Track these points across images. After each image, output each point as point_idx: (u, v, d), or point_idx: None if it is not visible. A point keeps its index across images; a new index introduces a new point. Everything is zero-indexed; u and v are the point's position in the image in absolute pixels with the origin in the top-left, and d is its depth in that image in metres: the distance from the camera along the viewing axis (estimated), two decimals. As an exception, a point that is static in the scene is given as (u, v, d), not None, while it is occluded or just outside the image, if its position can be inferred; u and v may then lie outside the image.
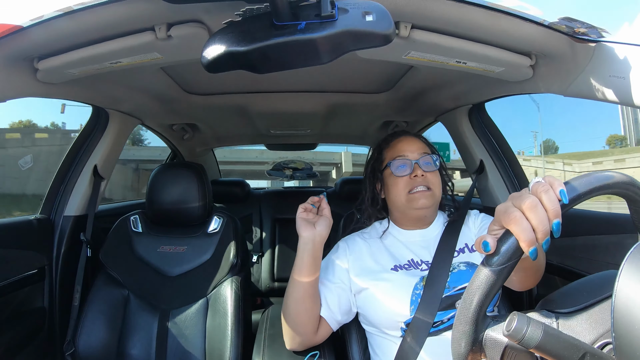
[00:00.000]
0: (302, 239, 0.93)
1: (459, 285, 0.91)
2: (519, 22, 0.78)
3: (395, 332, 0.92)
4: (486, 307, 0.48)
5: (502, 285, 0.50)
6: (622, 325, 0.40)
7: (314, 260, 0.92)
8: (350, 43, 0.59)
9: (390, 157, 1.05)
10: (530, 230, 0.46)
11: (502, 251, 0.47)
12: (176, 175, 1.39)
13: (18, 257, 1.22)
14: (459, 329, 0.49)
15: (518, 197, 0.48)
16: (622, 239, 1.02)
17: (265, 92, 1.55)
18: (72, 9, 0.72)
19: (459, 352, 0.49)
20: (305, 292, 0.93)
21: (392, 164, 1.03)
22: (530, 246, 0.45)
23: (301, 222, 0.94)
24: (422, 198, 0.98)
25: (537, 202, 0.46)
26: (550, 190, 0.47)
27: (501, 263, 0.47)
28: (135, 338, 1.22)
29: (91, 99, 1.28)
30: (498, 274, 0.47)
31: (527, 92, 1.08)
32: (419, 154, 1.02)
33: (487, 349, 0.49)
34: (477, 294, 0.48)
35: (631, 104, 0.74)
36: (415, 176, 0.99)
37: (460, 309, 0.50)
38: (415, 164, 1.00)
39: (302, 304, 0.93)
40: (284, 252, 2.36)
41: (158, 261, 1.34)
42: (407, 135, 1.09)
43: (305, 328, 0.95)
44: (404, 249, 1.02)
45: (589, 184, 0.47)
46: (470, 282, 0.49)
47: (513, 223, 0.46)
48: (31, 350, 1.22)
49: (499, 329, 0.48)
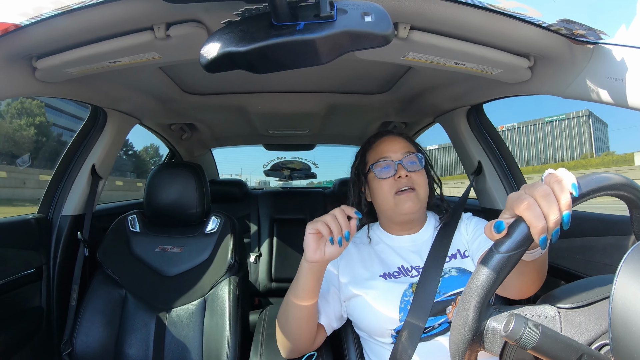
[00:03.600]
0: (308, 264, 0.81)
1: (450, 291, 0.90)
2: (518, 24, 0.78)
3: (385, 339, 0.91)
4: (491, 296, 0.47)
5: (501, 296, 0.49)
6: (619, 326, 0.40)
7: (318, 282, 0.85)
8: (349, 44, 0.59)
9: (373, 160, 1.03)
10: (542, 217, 0.46)
11: (512, 237, 0.47)
12: (174, 175, 1.39)
13: (15, 256, 1.21)
14: (461, 316, 0.48)
15: (531, 186, 0.49)
16: (620, 240, 1.02)
17: (264, 93, 1.55)
18: (71, 8, 0.72)
19: (458, 341, 0.48)
20: (309, 312, 0.88)
21: (375, 167, 1.00)
22: (540, 233, 0.46)
23: (311, 242, 0.79)
24: (407, 201, 0.95)
25: (550, 191, 0.47)
26: (563, 181, 0.48)
27: (510, 249, 0.47)
28: (132, 338, 1.21)
29: (89, 98, 1.28)
30: (506, 260, 0.47)
31: (525, 94, 1.09)
32: (403, 153, 1.00)
33: (487, 340, 0.48)
34: (483, 280, 0.47)
35: (628, 106, 0.75)
36: (399, 177, 0.97)
37: (463, 296, 0.49)
38: (398, 165, 0.98)
39: (305, 324, 0.90)
40: (282, 252, 2.36)
41: (156, 261, 1.34)
42: (389, 135, 1.07)
43: (305, 343, 0.94)
44: (394, 255, 1.00)
45: (600, 181, 0.48)
46: (476, 268, 0.49)
47: (525, 209, 0.47)
48: (28, 350, 1.22)
49: (501, 319, 0.47)
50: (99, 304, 1.23)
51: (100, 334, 1.19)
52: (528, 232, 0.47)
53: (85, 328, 1.19)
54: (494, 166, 1.45)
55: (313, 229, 0.77)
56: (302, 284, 0.84)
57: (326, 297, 0.97)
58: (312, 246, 0.79)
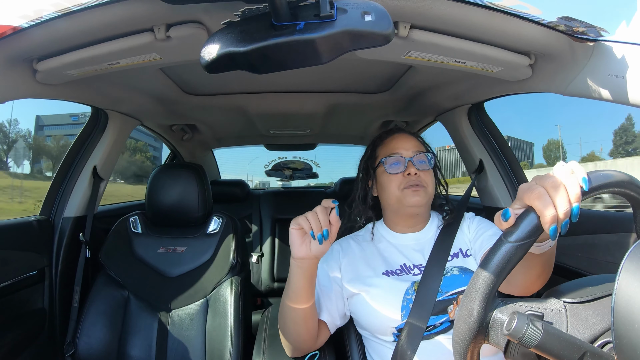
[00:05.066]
0: (295, 261, 0.81)
1: (452, 290, 0.90)
2: (518, 22, 0.78)
3: (387, 337, 0.91)
4: (498, 286, 0.47)
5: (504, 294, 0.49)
6: (622, 324, 0.40)
7: (310, 282, 0.84)
8: (349, 43, 0.59)
9: (383, 155, 1.03)
10: (552, 207, 0.46)
11: (521, 226, 0.47)
12: (176, 176, 1.39)
13: (18, 258, 1.22)
14: (467, 306, 0.47)
15: (542, 177, 0.49)
16: (622, 238, 1.02)
17: (265, 93, 1.55)
18: (71, 10, 0.72)
19: (463, 332, 0.47)
20: (306, 314, 0.87)
21: (386, 161, 1.01)
22: (550, 223, 0.46)
23: (295, 237, 0.80)
24: (415, 196, 0.96)
25: (561, 182, 0.48)
26: (574, 174, 0.48)
27: (519, 239, 0.47)
28: (135, 339, 1.21)
29: (90, 100, 1.28)
30: (515, 250, 0.46)
31: (526, 92, 1.09)
32: (414, 151, 1.01)
33: (493, 332, 0.47)
34: (491, 269, 0.47)
35: (629, 103, 0.74)
36: (408, 174, 0.98)
37: (469, 286, 0.48)
38: (409, 162, 0.99)
39: (303, 325, 0.90)
40: (284, 253, 2.36)
41: (158, 262, 1.34)
42: (401, 132, 1.08)
43: (306, 343, 0.94)
44: (396, 253, 1.00)
45: (609, 177, 0.48)
46: (484, 257, 0.48)
47: (536, 198, 0.47)
48: (31, 352, 1.22)
49: (507, 310, 0.47)
50: (101, 305, 1.23)
51: (103, 335, 1.20)
52: (538, 222, 0.47)
53: (87, 329, 1.19)
54: (495, 165, 1.44)
55: (296, 224, 0.78)
56: (294, 284, 0.84)
57: (329, 294, 0.97)
58: (297, 242, 0.79)
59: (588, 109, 59.71)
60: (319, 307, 0.96)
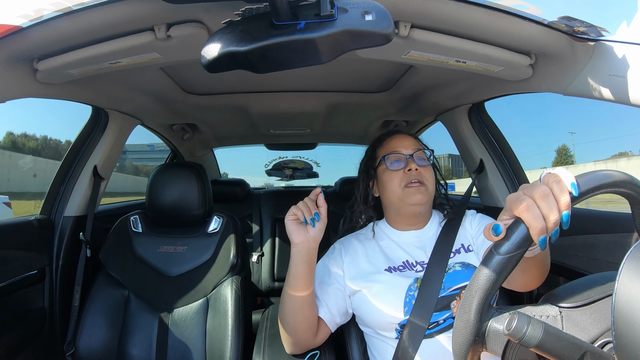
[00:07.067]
0: (295, 247, 0.89)
1: (455, 286, 0.91)
2: (519, 22, 0.78)
3: (390, 333, 0.92)
4: (492, 297, 0.47)
5: (504, 288, 0.49)
6: (622, 324, 0.40)
7: (310, 268, 0.90)
8: (349, 42, 0.59)
9: (384, 154, 1.06)
10: (541, 217, 0.46)
11: (511, 238, 0.47)
12: (176, 175, 1.39)
13: (18, 257, 1.22)
14: (463, 318, 0.48)
15: (530, 187, 0.49)
16: (623, 238, 1.02)
17: (265, 92, 1.55)
18: (71, 9, 0.72)
19: (460, 343, 0.48)
20: (304, 302, 0.91)
21: (386, 159, 1.03)
22: (540, 234, 0.46)
23: (292, 226, 0.89)
24: (417, 193, 0.98)
25: (549, 191, 0.47)
26: (562, 181, 0.47)
27: (510, 251, 0.46)
28: (135, 338, 1.21)
29: (91, 99, 1.28)
30: (506, 262, 0.46)
31: (527, 91, 1.08)
32: (413, 149, 1.03)
33: (490, 340, 0.48)
34: (483, 281, 0.47)
35: (630, 103, 0.74)
36: (409, 170, 1.00)
37: (464, 298, 0.49)
38: (409, 159, 1.01)
39: (300, 313, 0.92)
40: (284, 252, 2.36)
41: (158, 261, 1.34)
42: (400, 133, 1.10)
43: (304, 335, 0.95)
44: (399, 250, 1.01)
45: (600, 179, 0.47)
46: (476, 270, 0.48)
47: (524, 210, 0.46)
48: (31, 351, 1.22)
49: (503, 319, 0.47)
50: (101, 304, 1.23)
51: (103, 334, 1.20)
52: (527, 233, 0.46)
53: (88, 329, 1.19)
54: (495, 164, 1.45)
55: (290, 214, 0.90)
56: (294, 270, 0.90)
57: (328, 290, 0.98)
58: (294, 229, 0.89)
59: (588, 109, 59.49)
60: (317, 303, 0.97)
